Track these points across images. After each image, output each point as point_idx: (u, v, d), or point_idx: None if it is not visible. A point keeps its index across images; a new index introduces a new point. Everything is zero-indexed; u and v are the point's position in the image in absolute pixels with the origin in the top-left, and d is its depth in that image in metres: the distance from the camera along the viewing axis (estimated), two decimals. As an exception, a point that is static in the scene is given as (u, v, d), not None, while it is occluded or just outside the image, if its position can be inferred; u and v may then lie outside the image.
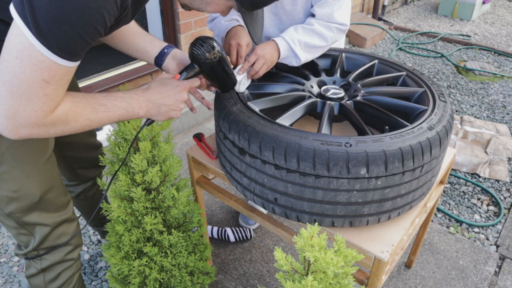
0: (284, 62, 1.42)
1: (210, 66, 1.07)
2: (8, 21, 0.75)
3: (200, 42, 1.04)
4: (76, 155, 1.48)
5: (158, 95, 1.01)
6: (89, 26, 0.74)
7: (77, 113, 0.85)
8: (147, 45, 1.17)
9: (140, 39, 1.17)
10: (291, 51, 1.38)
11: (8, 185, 1.05)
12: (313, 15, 1.46)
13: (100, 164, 1.41)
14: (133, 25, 1.15)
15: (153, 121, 1.09)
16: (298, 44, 1.37)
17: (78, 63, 0.79)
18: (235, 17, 1.44)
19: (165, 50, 1.17)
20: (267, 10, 1.46)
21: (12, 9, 0.70)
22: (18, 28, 0.71)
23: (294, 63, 1.42)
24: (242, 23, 1.45)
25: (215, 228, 2.05)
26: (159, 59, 1.17)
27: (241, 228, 2.05)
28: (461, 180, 2.51)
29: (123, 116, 0.95)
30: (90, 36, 0.76)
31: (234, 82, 1.19)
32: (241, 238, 2.03)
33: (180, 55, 1.18)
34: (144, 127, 1.11)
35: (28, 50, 0.71)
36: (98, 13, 0.74)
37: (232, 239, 2.02)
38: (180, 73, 1.07)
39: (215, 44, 1.04)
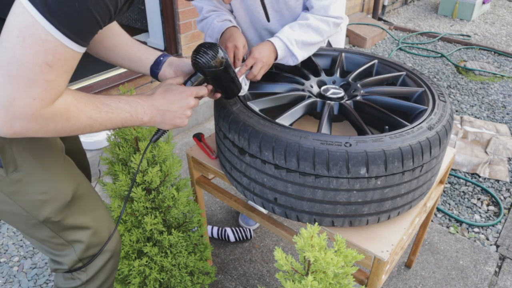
0: (281, 62, 1.40)
1: (215, 74, 1.02)
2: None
3: (203, 49, 0.98)
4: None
5: (162, 101, 0.95)
6: (102, 4, 0.70)
7: (79, 109, 0.79)
8: (142, 54, 1.12)
9: (134, 48, 1.11)
10: (288, 51, 1.36)
11: (35, 187, 0.97)
12: (307, 8, 1.45)
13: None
14: (125, 36, 1.11)
15: (164, 132, 1.04)
16: (295, 43, 1.35)
17: (84, 49, 0.74)
18: (227, 18, 1.42)
19: (161, 58, 1.12)
20: (268, 7, 1.45)
21: None
22: (22, 6, 0.66)
23: (291, 62, 1.41)
24: (235, 23, 1.44)
25: (215, 228, 2.05)
26: (155, 68, 1.12)
27: (241, 228, 2.05)
28: (461, 180, 2.51)
29: (127, 121, 0.89)
30: (101, 15, 0.71)
31: (239, 88, 1.14)
32: (241, 238, 2.03)
33: (176, 62, 1.12)
34: (158, 138, 1.06)
35: (31, 28, 0.66)
36: None
37: (232, 239, 2.02)
38: (184, 83, 1.02)
39: (220, 50, 0.98)
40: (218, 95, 1.15)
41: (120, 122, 0.88)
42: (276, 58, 1.35)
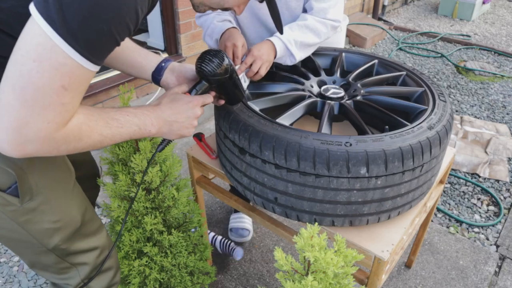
0: (279, 61, 1.41)
1: (221, 82, 1.00)
2: (15, 36, 0.67)
3: (209, 57, 0.95)
4: (81, 174, 1.32)
5: (169, 111, 0.94)
6: (123, 24, 0.69)
7: (91, 127, 0.77)
8: (143, 60, 1.09)
9: (135, 53, 1.08)
10: (287, 51, 1.37)
11: (48, 216, 0.95)
12: (305, 10, 1.46)
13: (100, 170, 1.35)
14: (127, 41, 1.08)
15: (169, 141, 1.02)
16: (294, 43, 1.37)
17: (98, 68, 0.73)
18: (227, 18, 1.42)
19: (162, 64, 1.09)
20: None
21: (32, 8, 0.64)
22: (39, 28, 0.63)
23: (288, 62, 1.42)
24: (235, 24, 1.44)
25: (211, 234, 1.98)
26: (157, 74, 1.09)
27: (229, 244, 1.93)
28: (461, 180, 2.50)
29: (135, 134, 0.87)
30: (121, 35, 0.70)
31: (243, 94, 1.13)
32: (224, 251, 1.92)
33: (178, 68, 1.10)
34: (163, 148, 1.05)
35: (49, 52, 0.64)
36: (133, 10, 0.69)
37: (218, 249, 1.93)
38: (189, 91, 1.00)
39: (225, 58, 0.97)
40: (222, 102, 1.13)
41: (129, 136, 0.87)
42: (275, 57, 1.36)
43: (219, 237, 1.96)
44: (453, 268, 1.91)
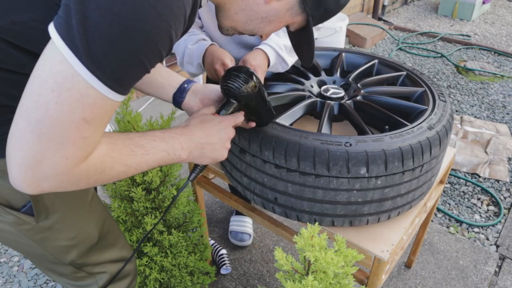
0: (272, 70, 1.35)
1: (249, 99, 0.93)
2: (37, 53, 0.60)
3: (234, 73, 0.90)
4: None
5: (200, 132, 0.85)
6: (155, 51, 0.61)
7: (113, 158, 0.69)
8: (164, 80, 1.01)
9: (155, 72, 0.99)
10: (279, 57, 1.32)
11: (64, 234, 0.92)
12: None
13: None
14: None
15: (204, 167, 0.95)
16: (284, 49, 1.32)
17: (124, 98, 0.65)
18: (200, 37, 1.33)
19: (185, 85, 1.01)
20: None
21: (52, 30, 0.57)
22: (59, 54, 0.56)
23: (281, 69, 1.37)
24: (209, 40, 1.35)
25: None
26: (179, 96, 1.01)
27: (221, 256, 1.93)
28: (461, 180, 2.51)
29: (163, 160, 0.79)
30: (152, 63, 0.63)
31: (273, 112, 1.04)
32: (214, 259, 1.92)
33: (202, 89, 1.02)
34: (196, 176, 0.98)
35: (70, 82, 0.57)
36: (166, 35, 0.61)
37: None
38: (218, 112, 0.93)
39: (250, 72, 0.91)
40: (253, 124, 1.03)
41: (157, 163, 0.78)
42: (268, 65, 1.31)
43: (215, 244, 1.94)
44: (453, 268, 1.91)
